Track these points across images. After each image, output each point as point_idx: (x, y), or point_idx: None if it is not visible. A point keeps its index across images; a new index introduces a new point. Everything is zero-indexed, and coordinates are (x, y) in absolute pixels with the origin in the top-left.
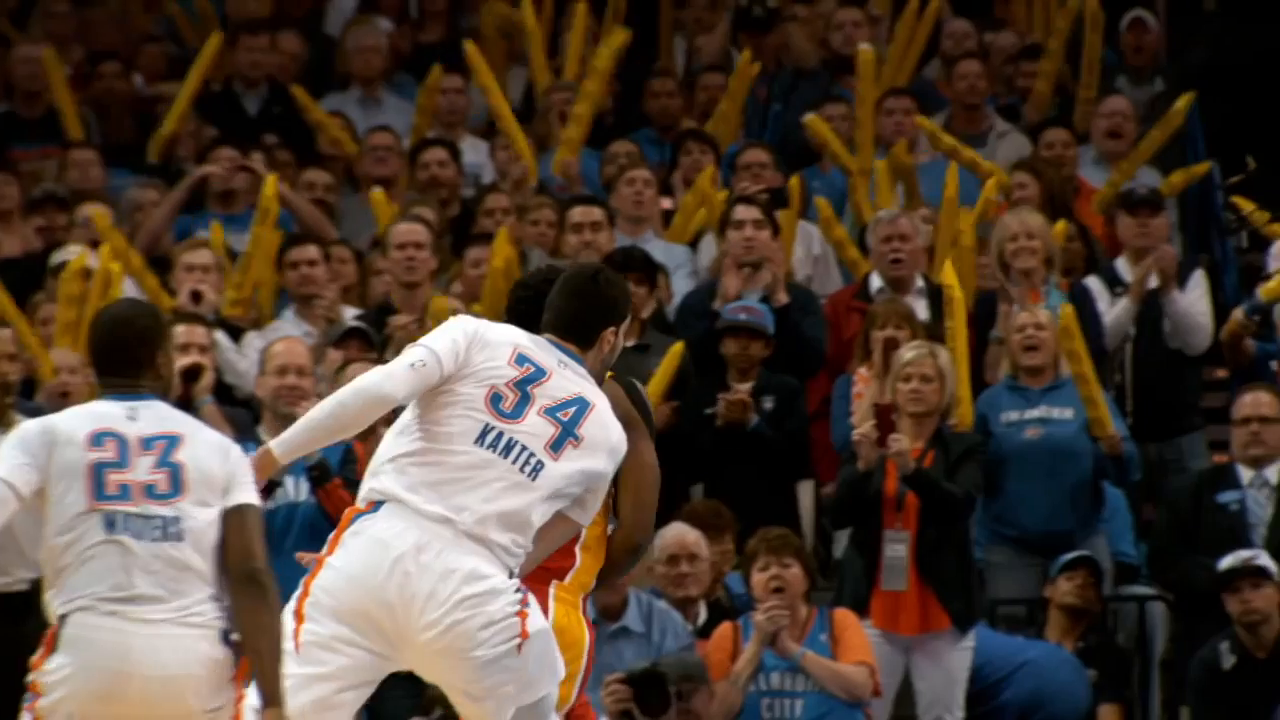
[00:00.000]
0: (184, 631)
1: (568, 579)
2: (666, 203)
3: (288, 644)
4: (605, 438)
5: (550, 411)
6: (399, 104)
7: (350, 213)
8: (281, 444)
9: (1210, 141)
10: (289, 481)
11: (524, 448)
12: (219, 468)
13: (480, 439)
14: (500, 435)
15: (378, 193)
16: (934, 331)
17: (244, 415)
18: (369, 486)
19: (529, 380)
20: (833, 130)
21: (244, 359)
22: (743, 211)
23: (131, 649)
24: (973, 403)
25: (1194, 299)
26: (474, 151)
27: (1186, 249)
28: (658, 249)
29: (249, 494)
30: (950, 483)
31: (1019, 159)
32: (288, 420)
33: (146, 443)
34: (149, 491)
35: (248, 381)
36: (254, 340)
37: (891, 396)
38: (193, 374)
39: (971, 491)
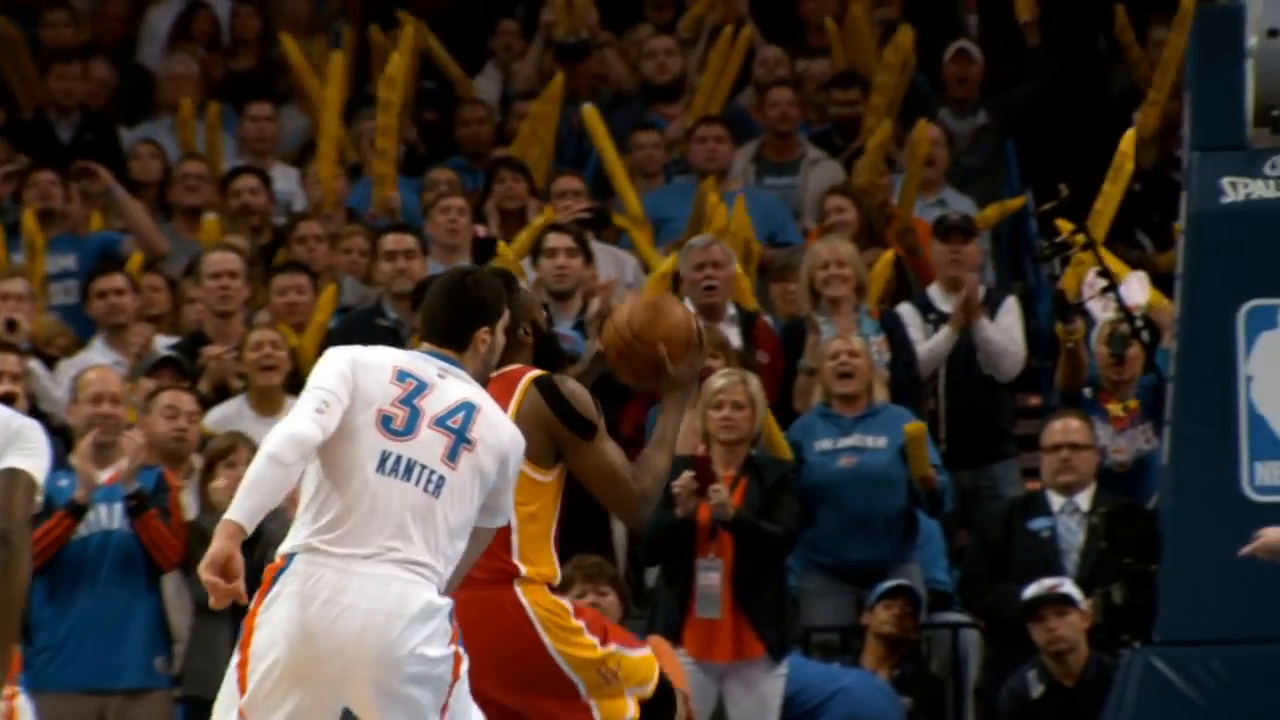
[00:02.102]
0: None
1: (520, 570)
2: (480, 230)
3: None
4: (497, 438)
5: (440, 422)
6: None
7: None
8: (241, 514)
9: (1024, 171)
10: (103, 509)
11: (423, 466)
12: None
13: (380, 466)
14: (399, 459)
15: (210, 220)
16: (746, 359)
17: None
18: (286, 542)
19: (414, 395)
20: (649, 156)
21: (59, 387)
22: (554, 240)
23: None
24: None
25: (1006, 325)
26: (285, 179)
27: (999, 276)
28: None
29: (22, 461)
30: (769, 521)
31: (832, 185)
32: (105, 448)
33: None
34: None
35: (62, 409)
36: (68, 369)
37: (702, 425)
38: (5, 402)
39: (792, 528)
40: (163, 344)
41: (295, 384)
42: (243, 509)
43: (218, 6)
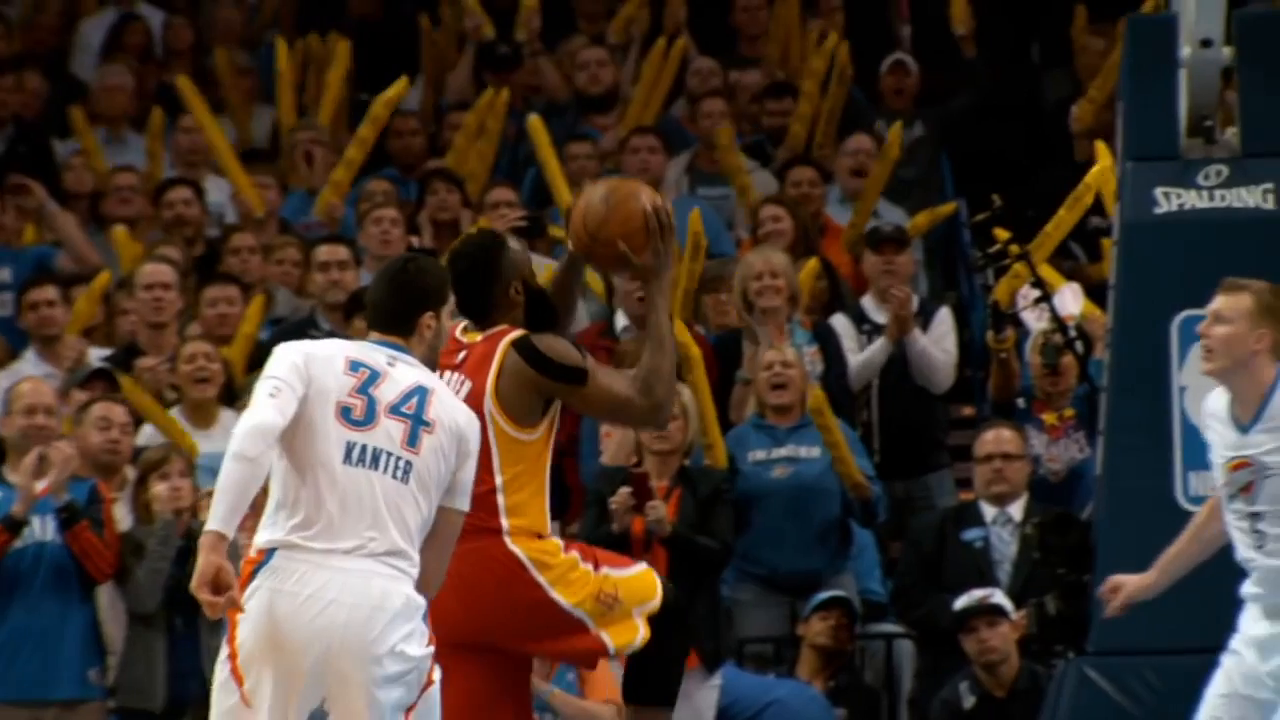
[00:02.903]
0: None
1: (506, 526)
2: (415, 241)
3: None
4: (452, 418)
5: (395, 409)
6: (139, 143)
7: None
8: (219, 522)
9: (958, 181)
10: (36, 521)
11: (388, 453)
12: None
13: (347, 458)
14: (364, 449)
15: (119, 230)
16: (679, 371)
17: None
18: (261, 536)
19: (368, 384)
20: (583, 167)
21: None
22: None
23: None
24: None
25: (939, 336)
26: (217, 190)
27: (932, 287)
28: None
29: None
30: (705, 536)
31: (764, 196)
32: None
33: None
34: None
35: None
36: (1, 381)
37: (635, 436)
38: None
39: (728, 541)
40: (96, 356)
41: (229, 396)
42: (219, 516)
43: (150, 18)
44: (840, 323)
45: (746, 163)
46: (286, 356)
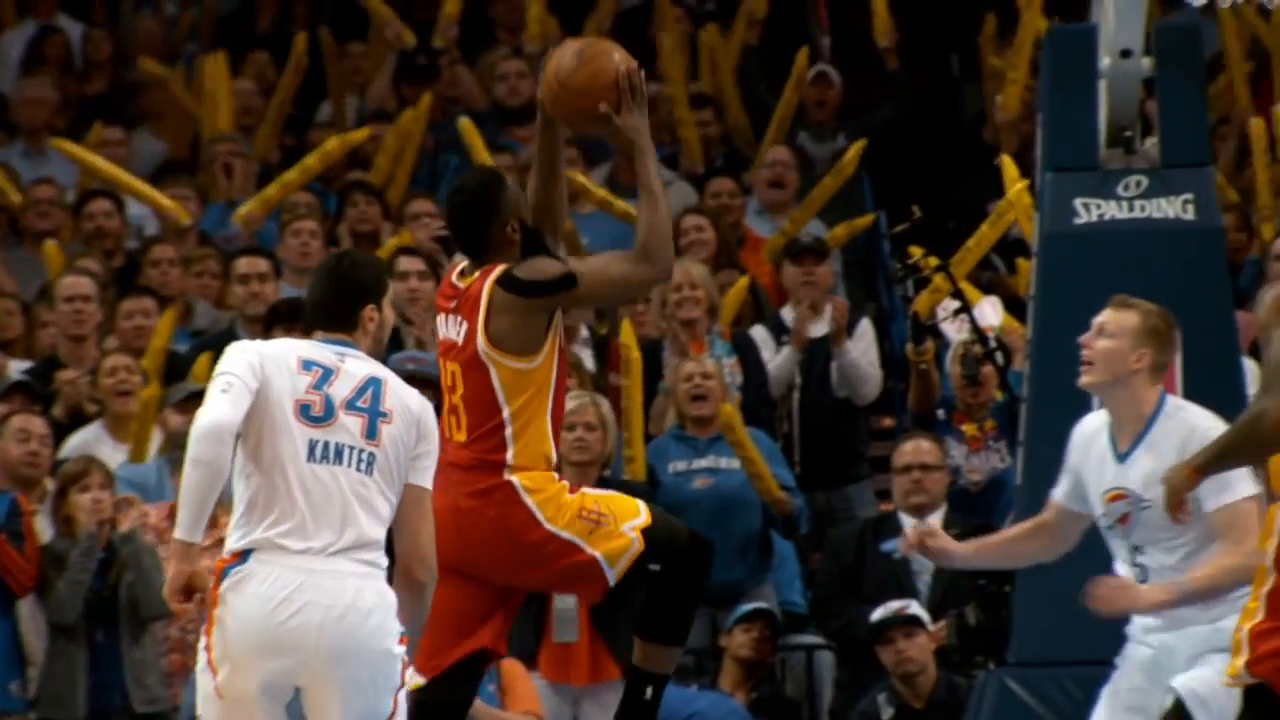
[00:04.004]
0: None
1: (510, 465)
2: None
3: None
4: (405, 405)
5: (351, 404)
6: (59, 156)
7: (15, 265)
8: (185, 530)
9: (879, 192)
10: None
11: (350, 447)
12: None
13: (311, 455)
14: (327, 445)
15: (50, 244)
16: (599, 382)
17: None
18: (234, 538)
19: (322, 382)
20: None
21: None
22: (406, 263)
23: None
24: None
25: (861, 348)
26: (137, 203)
27: (850, 298)
28: None
29: None
30: None
31: (684, 207)
32: None
33: None
34: None
35: None
36: None
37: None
38: None
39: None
40: (15, 368)
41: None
42: (185, 524)
43: (70, 30)
44: (759, 334)
45: (666, 173)
46: (241, 354)
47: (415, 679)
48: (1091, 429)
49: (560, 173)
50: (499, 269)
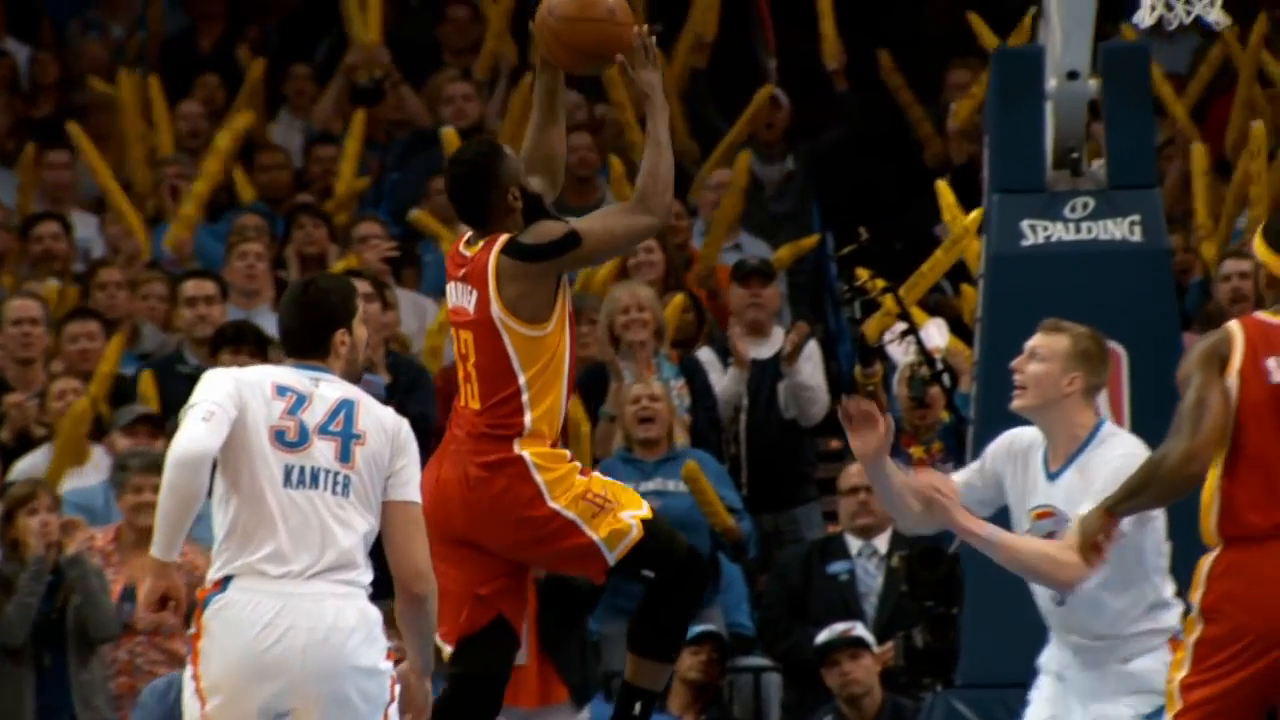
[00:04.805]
0: None
1: (525, 433)
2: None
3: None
4: (380, 424)
5: (325, 429)
6: (6, 178)
7: None
8: (161, 550)
9: (828, 214)
10: None
11: (325, 470)
12: None
13: (287, 480)
14: (303, 470)
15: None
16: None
17: None
18: (215, 565)
19: (296, 407)
20: (447, 202)
21: None
22: None
23: None
24: None
25: (808, 370)
26: (84, 226)
27: (795, 320)
28: (270, 322)
29: None
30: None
31: None
32: None
33: None
34: None
35: None
36: None
37: None
38: None
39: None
40: None
41: (97, 431)
42: (160, 545)
43: (16, 53)
44: (707, 356)
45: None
46: (220, 382)
47: (445, 648)
48: (1027, 442)
49: (559, 116)
50: (504, 237)
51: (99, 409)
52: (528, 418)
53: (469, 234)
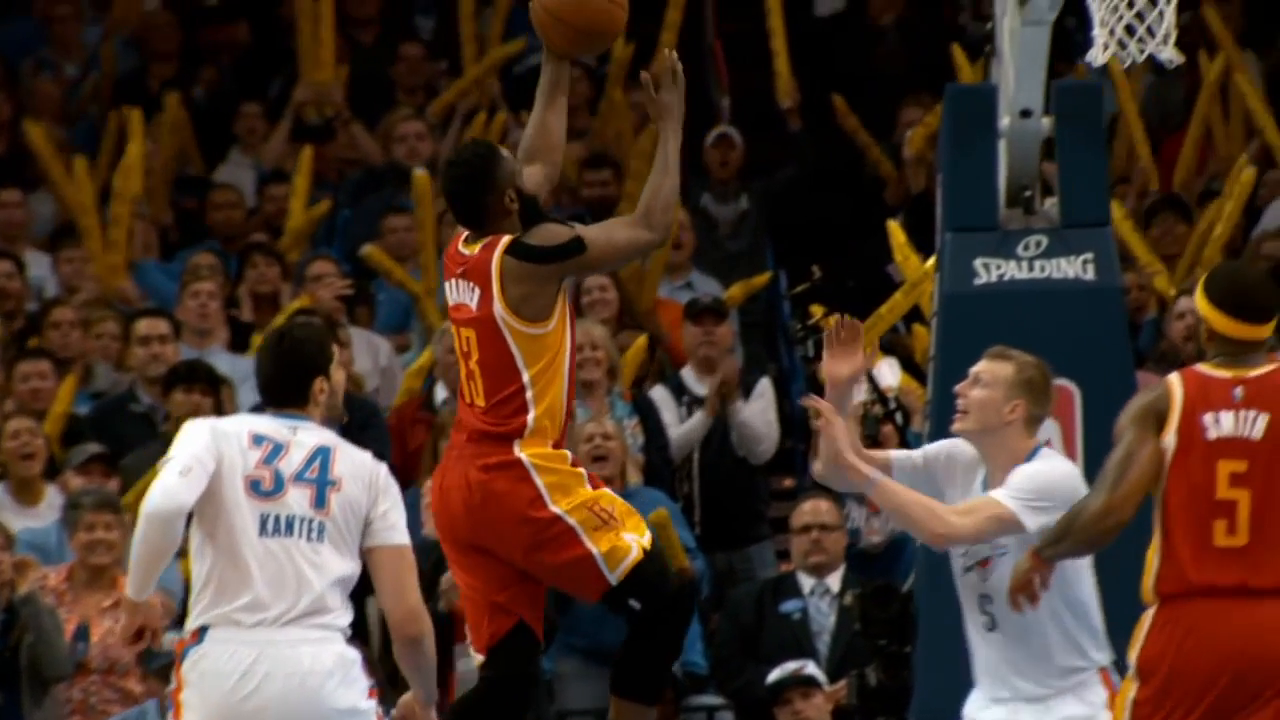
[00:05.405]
0: None
1: (526, 434)
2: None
3: None
4: (357, 470)
5: (300, 476)
6: None
7: None
8: (135, 591)
9: (782, 252)
10: None
11: (300, 518)
12: None
13: (262, 529)
14: (278, 518)
15: None
16: None
17: None
18: (192, 615)
19: (273, 456)
20: (401, 240)
21: None
22: None
23: None
24: None
25: (760, 408)
26: (37, 265)
27: (751, 358)
28: (223, 362)
29: None
30: None
31: None
32: None
33: None
34: None
35: None
36: None
37: None
38: None
39: (552, 618)
40: None
41: (50, 471)
42: (134, 587)
43: None
44: (660, 394)
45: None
46: (197, 435)
47: (476, 656)
48: (970, 458)
49: (560, 105)
50: (507, 238)
51: (52, 449)
52: (530, 415)
53: (466, 233)
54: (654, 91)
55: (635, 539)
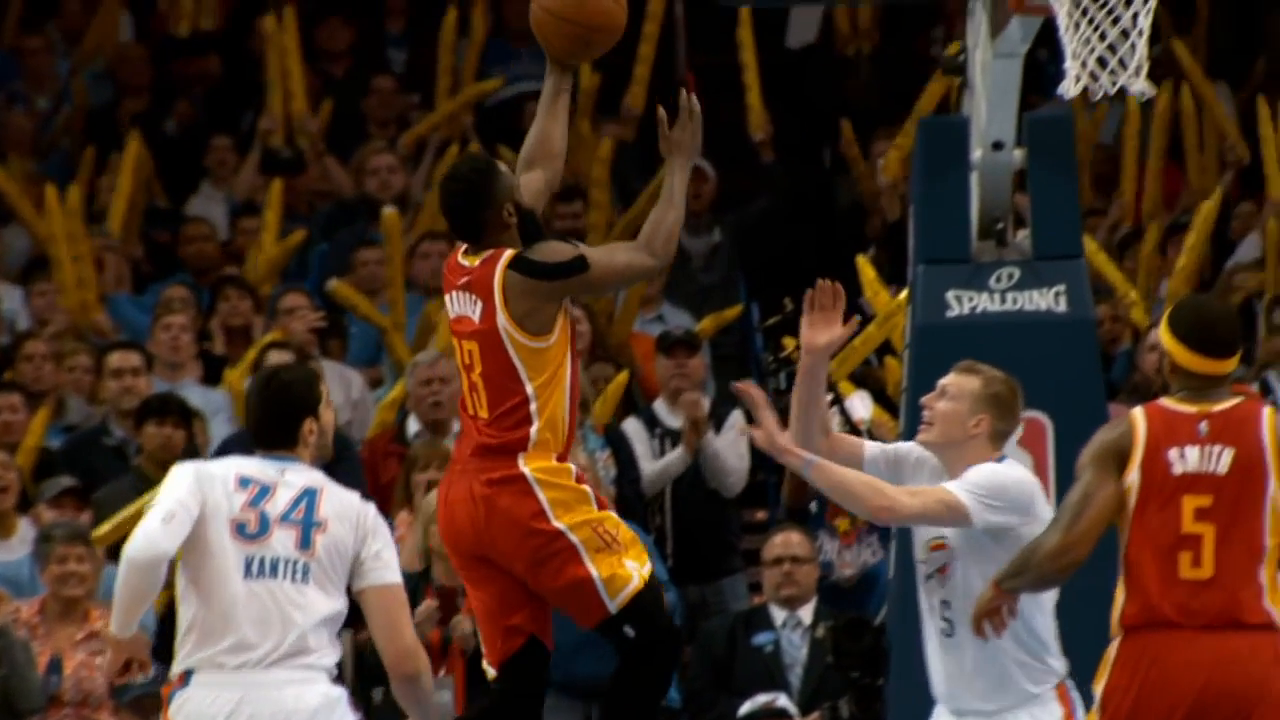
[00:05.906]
0: None
1: (530, 447)
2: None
3: None
4: (344, 510)
5: (286, 518)
6: None
7: None
8: (119, 627)
9: (754, 284)
10: None
11: (285, 560)
12: None
13: (247, 572)
14: (262, 560)
15: None
16: None
17: None
18: (178, 658)
19: (259, 498)
20: (372, 274)
21: None
22: (277, 358)
23: None
24: None
25: (731, 440)
26: (9, 298)
27: (723, 391)
28: (195, 394)
29: None
30: None
31: None
32: None
33: None
34: None
35: None
36: None
37: (423, 540)
38: None
39: None
40: None
41: (23, 504)
42: (117, 625)
43: None
44: (632, 427)
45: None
46: (182, 479)
47: (489, 671)
48: (935, 466)
49: (561, 114)
50: (510, 252)
51: (24, 482)
52: (534, 427)
53: (465, 246)
54: (668, 128)
55: (636, 567)
